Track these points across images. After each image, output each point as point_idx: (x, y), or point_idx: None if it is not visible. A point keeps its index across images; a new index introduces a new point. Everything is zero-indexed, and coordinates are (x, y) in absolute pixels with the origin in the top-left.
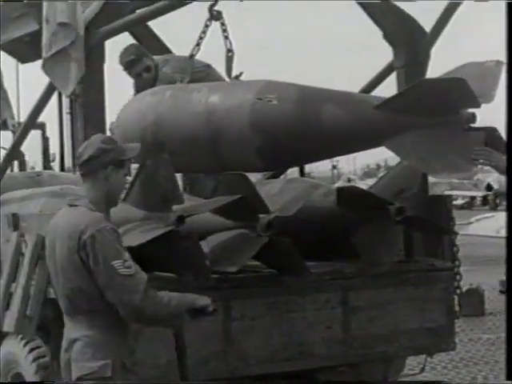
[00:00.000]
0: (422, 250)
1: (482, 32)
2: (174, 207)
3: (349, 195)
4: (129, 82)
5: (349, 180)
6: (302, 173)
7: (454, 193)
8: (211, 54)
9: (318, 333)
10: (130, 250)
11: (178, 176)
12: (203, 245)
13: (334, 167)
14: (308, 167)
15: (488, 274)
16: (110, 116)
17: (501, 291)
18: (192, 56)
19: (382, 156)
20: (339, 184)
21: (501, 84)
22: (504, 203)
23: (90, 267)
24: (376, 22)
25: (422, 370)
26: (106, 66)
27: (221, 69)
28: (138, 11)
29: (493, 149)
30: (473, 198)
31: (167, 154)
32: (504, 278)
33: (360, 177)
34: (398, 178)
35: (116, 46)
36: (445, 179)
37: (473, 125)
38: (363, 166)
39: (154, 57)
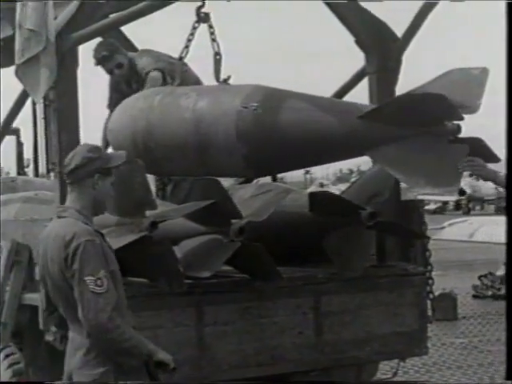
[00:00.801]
0: (394, 254)
1: (455, 37)
2: (147, 213)
3: (321, 200)
4: (103, 86)
5: (321, 185)
6: (274, 178)
7: (427, 197)
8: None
9: (290, 338)
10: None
11: (151, 181)
12: (176, 250)
13: (307, 172)
14: None
15: (461, 278)
16: (84, 121)
17: (474, 296)
18: (181, 58)
19: (354, 161)
20: (312, 189)
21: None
22: (477, 208)
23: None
24: (348, 27)
25: (395, 374)
26: (80, 71)
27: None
28: (111, 16)
29: (481, 159)
30: (445, 202)
31: (158, 159)
32: (477, 282)
33: (333, 182)
34: (370, 183)
35: (90, 50)
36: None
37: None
38: (336, 171)
39: (131, 53)
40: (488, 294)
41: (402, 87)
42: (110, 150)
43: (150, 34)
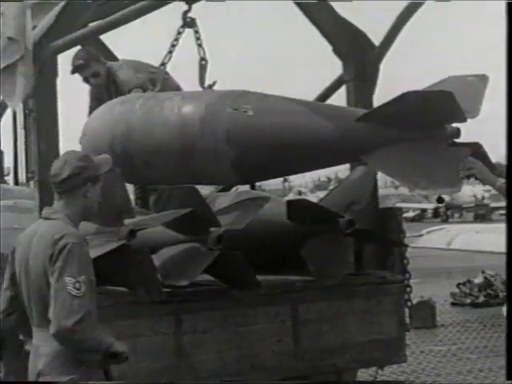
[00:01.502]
0: (372, 262)
1: (432, 46)
2: (126, 221)
3: (299, 208)
4: (83, 95)
5: (300, 193)
6: (252, 186)
7: (405, 205)
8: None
9: (269, 346)
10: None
11: (130, 189)
12: (154, 258)
13: (285, 180)
14: None
15: (439, 286)
16: (64, 129)
17: (452, 303)
18: (164, 64)
19: (332, 168)
20: (290, 197)
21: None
22: (456, 215)
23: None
24: (325, 35)
25: (373, 382)
26: (59, 80)
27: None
28: (91, 25)
29: (480, 162)
30: (423, 210)
31: (137, 165)
32: (455, 290)
33: (311, 189)
34: (348, 190)
35: (69, 59)
36: (429, 193)
37: (457, 140)
38: (314, 178)
39: (111, 63)
40: (466, 302)
41: (379, 95)
42: None
43: (132, 39)
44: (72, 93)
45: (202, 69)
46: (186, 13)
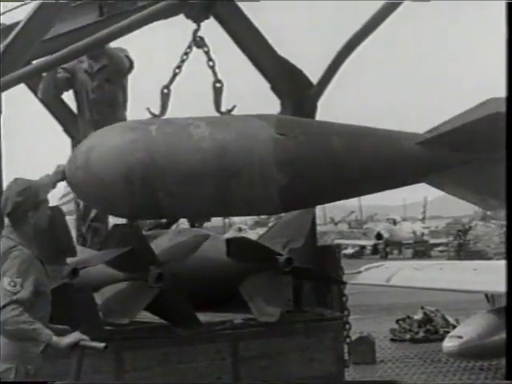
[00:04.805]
0: (311, 299)
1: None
2: (68, 259)
3: (238, 246)
4: (27, 132)
5: (240, 229)
6: (192, 223)
7: (344, 242)
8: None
9: (209, 383)
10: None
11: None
12: (96, 297)
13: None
14: None
15: (378, 322)
16: (7, 166)
17: (391, 339)
18: (167, 87)
19: None
20: (230, 233)
21: None
22: (395, 252)
23: None
24: (263, 73)
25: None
26: (3, 117)
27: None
28: (34, 62)
29: None
30: (363, 247)
31: (161, 195)
32: (395, 326)
33: (250, 226)
34: (286, 227)
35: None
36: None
37: None
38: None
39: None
40: (406, 338)
41: None
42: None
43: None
44: (16, 130)
45: (218, 92)
46: (195, 32)
